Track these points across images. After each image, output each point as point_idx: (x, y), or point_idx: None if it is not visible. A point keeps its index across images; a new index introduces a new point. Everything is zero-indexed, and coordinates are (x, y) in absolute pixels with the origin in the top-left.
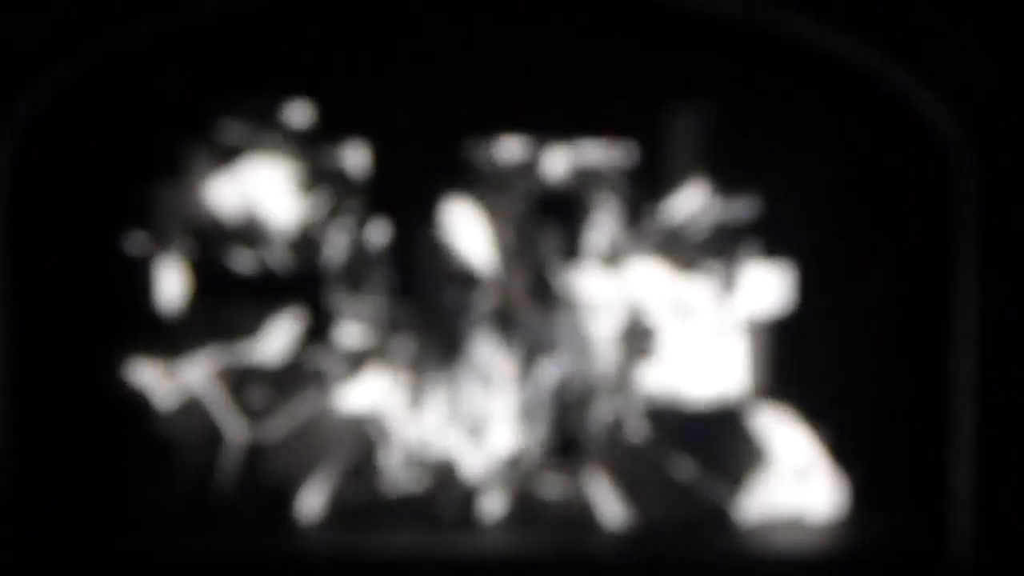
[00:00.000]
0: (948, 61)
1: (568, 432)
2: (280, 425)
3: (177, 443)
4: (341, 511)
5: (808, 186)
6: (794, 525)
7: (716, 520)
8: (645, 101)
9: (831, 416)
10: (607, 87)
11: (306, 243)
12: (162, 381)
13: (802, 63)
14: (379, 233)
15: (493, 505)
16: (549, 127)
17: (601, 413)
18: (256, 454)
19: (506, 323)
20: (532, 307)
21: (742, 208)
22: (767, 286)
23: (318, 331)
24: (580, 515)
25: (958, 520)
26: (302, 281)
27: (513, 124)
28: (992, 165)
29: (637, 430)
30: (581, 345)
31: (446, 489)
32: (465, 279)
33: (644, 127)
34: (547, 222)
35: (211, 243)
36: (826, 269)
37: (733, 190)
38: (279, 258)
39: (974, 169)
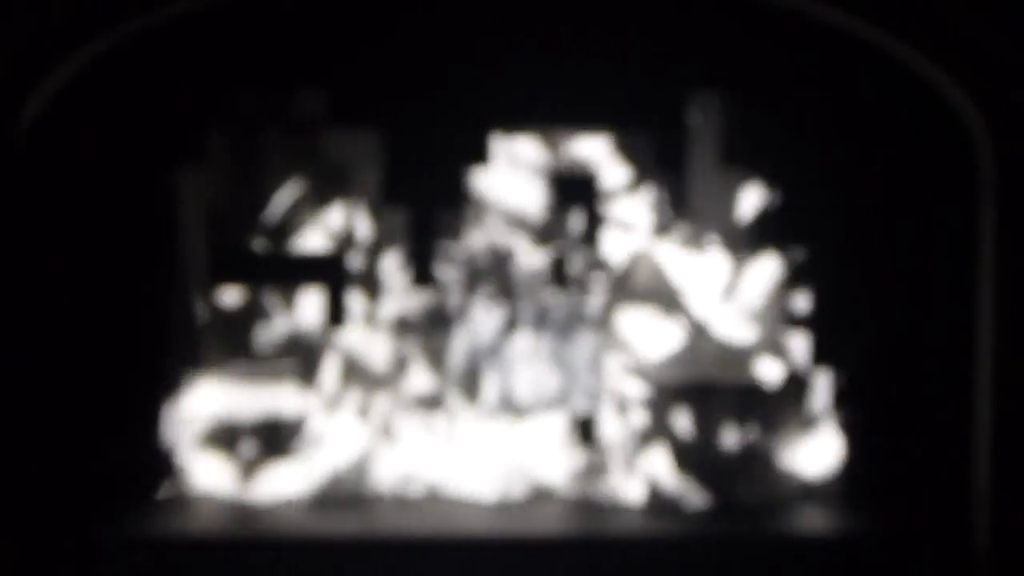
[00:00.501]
0: (973, 52)
1: (587, 414)
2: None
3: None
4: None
5: (833, 174)
6: (814, 508)
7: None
8: (668, 89)
9: (853, 405)
10: (631, 75)
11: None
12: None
13: (832, 50)
14: (396, 221)
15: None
16: (572, 116)
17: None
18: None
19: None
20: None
21: (769, 195)
22: (787, 274)
23: (337, 317)
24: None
25: (977, 509)
26: (322, 268)
27: (535, 113)
28: (1013, 154)
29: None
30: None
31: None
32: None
33: (668, 115)
34: (567, 208)
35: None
36: (850, 260)
37: (760, 177)
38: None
39: (996, 157)
